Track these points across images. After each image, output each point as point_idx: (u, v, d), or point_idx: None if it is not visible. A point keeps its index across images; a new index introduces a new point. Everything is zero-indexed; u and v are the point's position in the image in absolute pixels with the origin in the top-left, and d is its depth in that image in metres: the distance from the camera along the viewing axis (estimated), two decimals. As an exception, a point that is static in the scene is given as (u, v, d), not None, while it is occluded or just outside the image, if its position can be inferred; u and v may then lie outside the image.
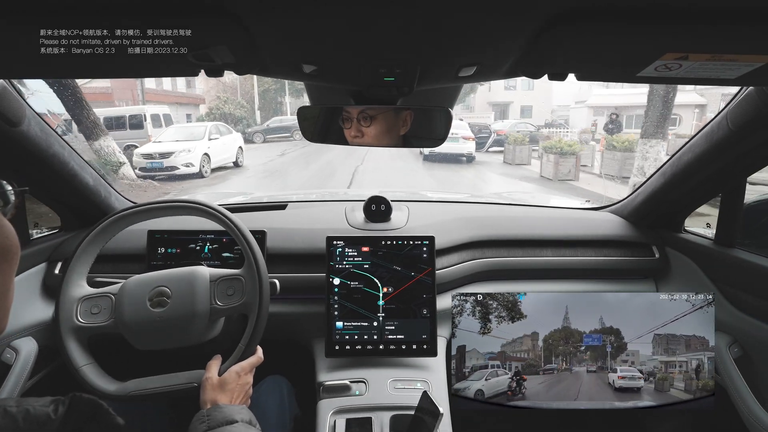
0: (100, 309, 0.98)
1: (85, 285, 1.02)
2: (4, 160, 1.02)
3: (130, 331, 0.94)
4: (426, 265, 1.15)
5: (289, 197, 1.70)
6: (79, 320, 0.97)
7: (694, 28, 0.48)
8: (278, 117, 20.84)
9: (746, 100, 0.92)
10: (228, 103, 19.72)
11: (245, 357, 0.93)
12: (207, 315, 0.94)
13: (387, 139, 0.89)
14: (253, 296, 0.94)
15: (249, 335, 0.93)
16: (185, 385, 0.93)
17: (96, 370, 0.97)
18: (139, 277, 0.99)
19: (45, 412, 0.49)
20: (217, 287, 0.96)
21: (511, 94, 25.95)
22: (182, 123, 16.18)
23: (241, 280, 0.96)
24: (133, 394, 0.93)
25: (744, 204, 1.15)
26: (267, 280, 0.96)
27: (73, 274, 1.00)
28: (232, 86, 21.92)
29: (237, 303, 0.95)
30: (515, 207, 1.64)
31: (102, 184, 1.30)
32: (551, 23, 0.49)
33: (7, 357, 1.08)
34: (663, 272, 1.37)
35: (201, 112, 20.52)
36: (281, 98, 24.77)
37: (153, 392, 0.93)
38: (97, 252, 1.04)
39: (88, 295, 0.99)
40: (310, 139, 0.93)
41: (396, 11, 0.48)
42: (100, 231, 1.02)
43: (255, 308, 0.93)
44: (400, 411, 0.97)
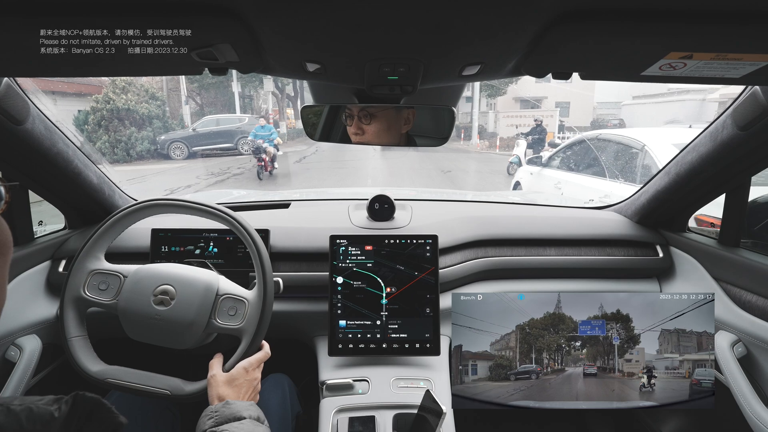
0: (107, 286, 0.99)
1: (103, 259, 1.04)
2: (8, 158, 1.02)
3: (126, 318, 0.95)
4: (429, 264, 1.15)
5: (292, 196, 1.70)
6: (85, 292, 0.98)
7: (699, 27, 0.48)
8: (213, 116, 14.11)
9: (750, 99, 0.92)
10: (125, 93, 12.36)
11: (251, 353, 0.93)
12: (202, 327, 0.94)
13: (388, 137, 0.89)
14: (251, 324, 0.93)
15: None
16: (158, 390, 0.93)
17: (85, 344, 0.99)
18: (152, 267, 1.00)
19: (48, 411, 0.50)
20: (221, 303, 0.96)
21: (543, 87, 21.00)
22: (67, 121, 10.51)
23: (245, 303, 0.96)
24: (108, 382, 0.94)
25: (748, 203, 1.15)
26: (272, 277, 0.97)
27: (95, 246, 1.02)
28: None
29: (234, 325, 0.94)
30: (518, 206, 1.64)
31: (106, 182, 1.30)
32: (556, 22, 0.49)
33: (11, 354, 1.08)
34: (667, 272, 1.37)
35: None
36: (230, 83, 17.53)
37: (126, 387, 0.94)
38: (118, 234, 1.06)
39: (101, 269, 1.01)
40: (313, 137, 0.93)
41: (401, 10, 0.48)
42: (136, 210, 1.03)
43: (250, 335, 0.93)
44: (403, 410, 0.97)
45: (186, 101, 15.49)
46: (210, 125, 12.82)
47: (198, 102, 19.16)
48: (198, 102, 19.16)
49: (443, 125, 0.88)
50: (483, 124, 19.64)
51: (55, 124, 1.05)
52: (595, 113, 20.72)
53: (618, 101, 19.64)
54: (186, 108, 15.35)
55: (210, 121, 13.23)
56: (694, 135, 1.12)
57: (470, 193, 1.97)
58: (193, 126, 13.12)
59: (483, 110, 21.25)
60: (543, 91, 21.11)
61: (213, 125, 12.81)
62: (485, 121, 20.48)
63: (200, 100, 19.24)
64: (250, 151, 11.01)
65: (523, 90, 21.25)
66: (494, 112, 20.77)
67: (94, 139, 11.68)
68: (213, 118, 13.63)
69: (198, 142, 12.30)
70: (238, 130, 12.75)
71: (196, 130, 12.62)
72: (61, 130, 1.08)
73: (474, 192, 4.79)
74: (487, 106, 22.29)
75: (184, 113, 15.19)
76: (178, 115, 15.10)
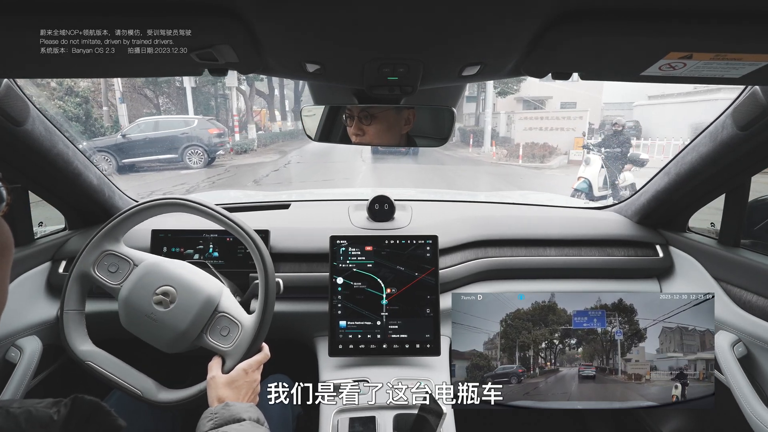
0: (117, 269, 0.99)
1: (122, 242, 1.03)
2: (8, 159, 1.02)
3: (124, 307, 0.95)
4: (429, 264, 1.15)
5: (292, 197, 1.70)
6: (95, 271, 0.98)
7: (698, 27, 0.48)
8: (150, 118, 11.22)
9: (750, 99, 0.92)
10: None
11: (251, 354, 0.93)
12: (192, 339, 0.93)
13: (388, 138, 0.89)
14: (239, 350, 0.92)
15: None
16: (130, 388, 0.93)
17: (79, 320, 0.99)
18: (161, 263, 0.98)
19: (47, 414, 0.50)
20: (217, 321, 0.95)
21: (548, 87, 18.97)
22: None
23: (239, 328, 0.94)
24: (87, 365, 0.94)
25: (748, 203, 1.15)
26: (273, 279, 0.96)
27: (115, 229, 1.01)
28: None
29: (222, 347, 0.93)
30: (518, 206, 1.64)
31: (106, 183, 1.30)
32: (555, 22, 0.49)
33: (11, 356, 1.08)
34: (667, 272, 1.37)
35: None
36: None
37: (102, 375, 0.94)
38: (133, 227, 1.05)
39: (116, 251, 1.00)
40: (314, 138, 0.93)
41: (400, 10, 0.48)
42: (155, 206, 1.02)
43: (233, 361, 0.91)
44: (404, 410, 0.97)
45: (121, 99, 11.62)
46: (148, 130, 9.81)
47: (155, 102, 16.42)
48: (155, 102, 16.42)
49: (443, 126, 0.88)
50: (493, 127, 16.29)
51: (55, 125, 1.05)
52: (603, 114, 18.63)
53: (628, 102, 17.72)
54: (122, 108, 11.51)
55: (147, 125, 10.07)
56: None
57: (470, 193, 1.96)
58: (122, 132, 10.00)
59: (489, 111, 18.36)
60: (548, 91, 19.41)
61: (151, 129, 9.76)
62: (495, 124, 17.06)
63: (163, 99, 16.54)
64: (201, 163, 9.88)
65: (527, 90, 19.35)
66: (506, 113, 17.79)
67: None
68: (150, 121, 10.55)
69: (130, 153, 9.39)
70: (184, 137, 9.91)
71: (127, 136, 9.62)
72: (61, 131, 1.08)
73: (474, 192, 4.75)
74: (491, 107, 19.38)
75: (120, 114, 12.01)
76: (114, 118, 12.10)
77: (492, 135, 15.28)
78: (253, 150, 13.60)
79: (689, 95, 13.13)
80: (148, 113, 14.48)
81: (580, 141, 11.20)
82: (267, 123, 20.02)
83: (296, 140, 16.86)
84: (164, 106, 16.52)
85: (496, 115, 17.60)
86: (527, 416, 1.62)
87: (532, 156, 12.34)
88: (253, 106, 18.50)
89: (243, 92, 17.56)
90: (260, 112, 20.59)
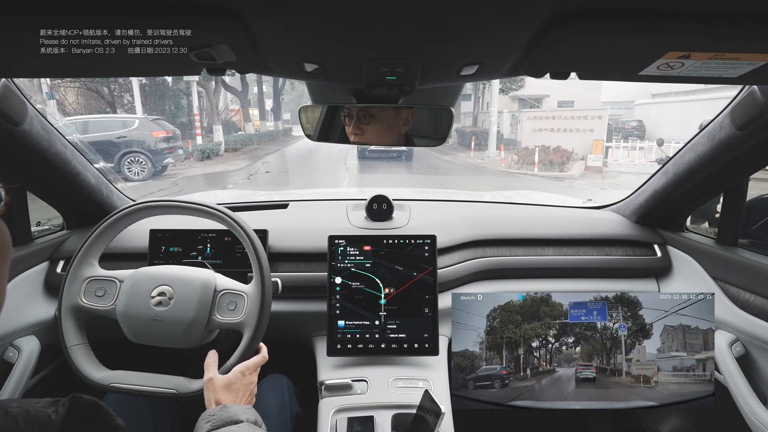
0: (104, 292, 0.99)
1: (97, 265, 1.03)
2: (6, 159, 1.02)
3: (126, 322, 0.95)
4: (427, 264, 1.15)
5: (290, 196, 1.70)
6: (83, 300, 0.98)
7: (696, 26, 0.48)
8: (79, 117, 9.74)
9: (748, 98, 0.93)
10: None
11: (248, 356, 0.93)
12: (204, 324, 0.94)
13: (387, 138, 0.89)
14: (252, 317, 0.94)
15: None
16: (165, 391, 0.93)
17: (86, 352, 0.98)
18: (148, 270, 1.00)
19: (45, 414, 0.50)
20: (220, 299, 0.96)
21: (545, 85, 18.25)
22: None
23: (244, 297, 0.96)
24: (113, 387, 0.94)
25: (746, 203, 1.15)
26: (270, 279, 0.96)
27: (88, 253, 1.01)
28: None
29: (235, 320, 0.94)
30: (517, 206, 1.64)
31: (104, 183, 1.30)
32: (554, 22, 0.49)
33: (9, 356, 1.08)
34: (665, 271, 1.37)
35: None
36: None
37: (132, 390, 0.94)
38: (112, 239, 1.05)
39: (96, 276, 1.00)
40: (312, 138, 0.93)
41: (399, 10, 0.48)
42: (131, 212, 1.02)
43: (252, 328, 0.93)
44: (402, 410, 0.97)
45: (49, 95, 9.57)
46: (75, 132, 7.78)
47: (127, 99, 13.81)
48: (127, 99, 13.81)
49: (442, 125, 0.88)
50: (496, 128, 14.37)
51: (53, 125, 1.05)
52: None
53: (628, 101, 17.15)
54: (51, 103, 9.52)
55: (76, 126, 8.34)
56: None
57: (468, 192, 1.96)
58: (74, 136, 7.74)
59: (485, 110, 16.94)
60: (545, 89, 19.05)
61: (79, 132, 7.99)
62: (498, 124, 14.56)
63: (128, 97, 13.50)
64: (144, 174, 8.22)
65: (524, 88, 18.48)
66: (509, 113, 16.61)
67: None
68: (78, 121, 8.71)
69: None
70: (121, 141, 8.35)
71: (78, 138, 6.82)
72: (59, 131, 1.08)
73: (472, 192, 4.73)
74: (488, 105, 17.63)
75: (48, 114, 8.35)
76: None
77: (497, 137, 13.68)
78: (218, 155, 12.06)
79: (696, 93, 12.53)
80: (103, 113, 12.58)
81: (600, 144, 9.93)
82: (243, 120, 17.98)
83: (275, 143, 15.18)
84: (128, 105, 13.85)
85: (500, 115, 15.76)
86: (526, 416, 1.63)
87: (549, 163, 10.29)
88: (218, 104, 15.42)
89: (208, 88, 14.36)
90: (239, 111, 18.47)
